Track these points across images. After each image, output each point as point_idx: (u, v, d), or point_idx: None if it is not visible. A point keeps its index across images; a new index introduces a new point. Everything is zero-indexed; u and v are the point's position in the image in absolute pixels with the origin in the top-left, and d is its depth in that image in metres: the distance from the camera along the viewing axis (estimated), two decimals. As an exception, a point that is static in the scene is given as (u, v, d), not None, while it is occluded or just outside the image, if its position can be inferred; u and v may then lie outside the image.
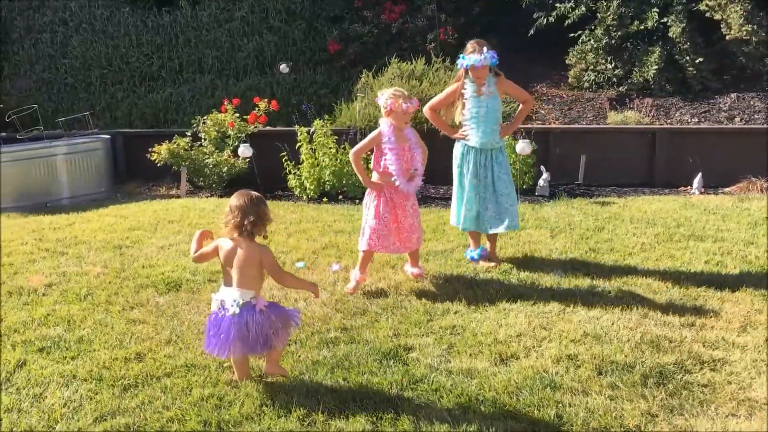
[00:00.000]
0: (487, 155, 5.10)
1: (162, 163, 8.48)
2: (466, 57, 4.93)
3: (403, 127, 4.67)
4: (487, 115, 5.04)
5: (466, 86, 5.06)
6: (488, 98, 5.04)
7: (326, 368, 3.51)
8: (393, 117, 4.61)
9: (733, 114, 8.85)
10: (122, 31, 11.83)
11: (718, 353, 3.60)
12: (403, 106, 4.54)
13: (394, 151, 4.62)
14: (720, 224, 6.12)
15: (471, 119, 5.07)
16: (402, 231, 4.78)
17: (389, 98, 4.57)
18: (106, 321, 4.23)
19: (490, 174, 5.10)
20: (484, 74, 4.97)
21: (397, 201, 4.73)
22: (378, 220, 4.69)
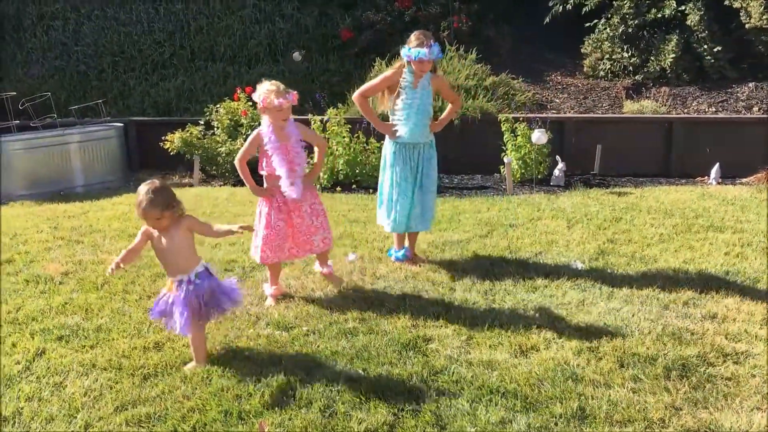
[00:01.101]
0: (418, 150, 4.88)
1: (175, 151, 8.47)
2: (411, 49, 4.60)
3: (282, 124, 4.21)
4: (419, 107, 4.76)
5: (405, 75, 4.73)
6: (423, 91, 4.77)
7: (345, 359, 3.49)
8: (269, 114, 4.16)
9: (751, 103, 8.75)
10: (134, 18, 11.80)
11: (741, 346, 3.55)
12: (275, 102, 4.07)
13: (277, 151, 4.22)
14: (739, 215, 6.06)
15: (403, 110, 4.76)
16: (299, 235, 4.41)
17: (261, 94, 4.13)
18: (123, 310, 4.23)
19: (419, 170, 4.90)
20: (428, 68, 4.69)
21: (291, 205, 4.34)
22: (270, 230, 4.31)
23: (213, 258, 5.15)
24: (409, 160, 4.86)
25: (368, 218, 6.25)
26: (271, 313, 4.10)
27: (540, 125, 7.70)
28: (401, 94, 4.77)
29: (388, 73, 4.84)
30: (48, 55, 11.70)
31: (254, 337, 3.78)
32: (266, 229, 4.32)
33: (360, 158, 7.88)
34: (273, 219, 4.31)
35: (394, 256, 5.05)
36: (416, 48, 4.56)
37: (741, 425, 2.86)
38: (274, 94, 4.08)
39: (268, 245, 4.32)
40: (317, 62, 10.95)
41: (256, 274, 4.80)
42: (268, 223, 4.32)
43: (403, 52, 4.67)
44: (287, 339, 3.75)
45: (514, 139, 7.74)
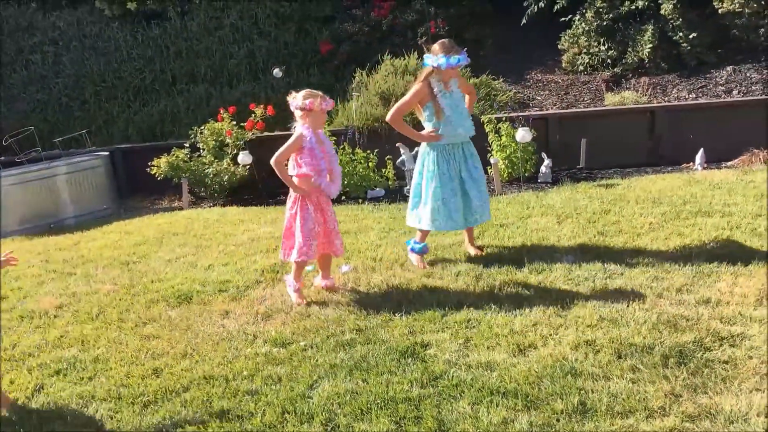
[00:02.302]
0: (460, 149, 5.03)
1: (162, 176, 8.47)
2: (449, 57, 4.75)
3: (319, 128, 4.61)
4: (458, 108, 4.97)
5: (434, 84, 4.92)
6: (455, 92, 4.98)
7: (345, 371, 3.49)
8: (311, 117, 4.49)
9: (730, 87, 8.82)
10: (113, 47, 11.84)
11: (736, 328, 3.58)
12: (322, 105, 4.47)
13: (315, 152, 4.52)
14: (726, 198, 6.10)
15: (452, 116, 4.93)
16: (325, 236, 4.67)
17: (307, 98, 4.46)
18: (120, 339, 4.22)
19: (466, 166, 5.04)
20: (457, 72, 4.99)
21: (325, 205, 4.65)
22: (311, 223, 4.56)
23: (207, 279, 5.15)
24: (453, 161, 5.01)
25: (359, 228, 6.26)
26: (268, 331, 4.10)
27: (523, 124, 7.74)
28: (440, 102, 4.91)
29: (417, 87, 4.98)
30: (29, 89, 11.70)
31: (252, 356, 3.78)
32: (309, 224, 4.55)
33: (347, 169, 7.89)
34: (311, 216, 4.55)
35: (413, 247, 5.13)
36: (454, 55, 4.77)
37: (741, 407, 2.88)
38: (320, 99, 4.46)
39: (312, 240, 4.55)
40: (298, 77, 10.98)
41: (250, 293, 4.81)
42: (308, 217, 4.55)
43: (433, 61, 4.83)
44: (286, 355, 3.75)
45: (499, 139, 7.78)
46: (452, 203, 4.99)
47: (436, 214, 5.01)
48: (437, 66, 4.83)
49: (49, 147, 9.63)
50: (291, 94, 4.59)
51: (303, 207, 4.57)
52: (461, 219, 5.06)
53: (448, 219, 5.02)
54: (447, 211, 4.99)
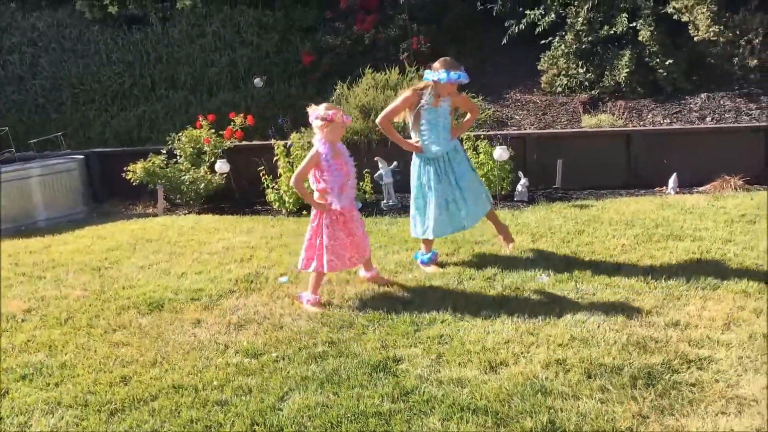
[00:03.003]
0: (444, 159, 5.24)
1: (138, 181, 8.41)
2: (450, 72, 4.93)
3: (336, 141, 4.68)
4: (442, 124, 5.16)
5: (425, 96, 5.09)
6: (442, 109, 5.16)
7: (316, 383, 3.48)
8: (330, 130, 4.56)
9: (704, 114, 8.98)
10: (92, 50, 11.76)
11: (704, 352, 3.63)
12: (344, 119, 4.58)
13: (332, 167, 4.62)
14: (697, 223, 6.19)
15: (429, 129, 5.15)
16: (357, 241, 4.80)
17: (329, 109, 4.55)
18: (88, 345, 4.16)
19: (452, 175, 5.24)
20: (454, 88, 5.15)
21: (348, 215, 4.73)
22: (334, 240, 4.65)
23: (179, 287, 5.11)
24: (437, 171, 5.22)
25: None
26: (240, 341, 4.08)
27: (501, 142, 7.81)
28: (422, 113, 5.13)
29: (407, 94, 5.17)
30: (6, 90, 11.56)
31: (223, 366, 3.75)
32: (331, 240, 4.65)
33: (325, 181, 7.88)
34: (334, 229, 4.65)
35: (419, 259, 5.35)
36: (455, 71, 4.94)
37: (707, 430, 2.92)
38: (341, 112, 4.57)
39: (334, 254, 4.65)
40: (279, 87, 10.99)
41: (223, 302, 4.77)
42: (331, 234, 4.65)
43: (434, 76, 4.99)
44: (257, 366, 3.73)
45: (477, 157, 7.83)
46: (451, 207, 5.25)
47: (435, 222, 5.23)
48: (437, 80, 4.99)
49: (24, 148, 9.51)
50: (311, 106, 4.68)
51: (326, 222, 4.66)
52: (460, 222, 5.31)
53: (450, 223, 5.28)
54: (448, 217, 5.25)
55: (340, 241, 4.68)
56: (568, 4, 10.02)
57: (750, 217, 6.26)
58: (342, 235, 4.70)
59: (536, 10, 10.25)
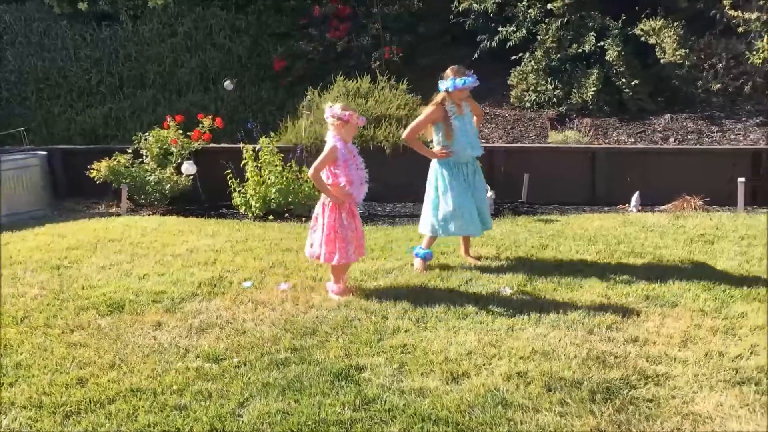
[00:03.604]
0: (469, 166, 5.61)
1: (102, 180, 8.28)
2: (458, 79, 5.37)
3: (349, 140, 4.92)
4: (469, 130, 5.56)
5: (448, 108, 5.47)
6: (467, 115, 5.58)
7: (277, 390, 3.46)
8: (346, 130, 4.81)
9: (667, 135, 9.18)
10: (60, 45, 11.56)
11: (661, 368, 3.69)
12: (360, 120, 4.86)
13: (348, 162, 4.83)
14: (658, 241, 6.31)
15: (461, 135, 5.47)
16: (360, 238, 5.03)
17: (346, 110, 4.79)
18: (45, 345, 4.08)
19: (472, 182, 5.61)
20: (467, 94, 5.54)
21: (354, 211, 4.98)
22: (353, 231, 4.91)
23: (140, 289, 5.04)
24: (462, 175, 5.55)
25: (300, 247, 6.21)
26: (201, 345, 4.03)
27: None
28: (453, 124, 5.46)
29: (431, 109, 5.54)
30: (-32, 83, 11.31)
31: (183, 370, 3.70)
32: (351, 231, 4.89)
33: (293, 187, 7.87)
34: (347, 221, 4.88)
35: (418, 252, 5.55)
36: (460, 78, 5.36)
37: (662, 445, 2.97)
38: (356, 114, 4.84)
39: (351, 245, 4.88)
40: (249, 91, 10.94)
41: (185, 306, 4.72)
42: (350, 225, 4.90)
43: (446, 85, 5.40)
44: (218, 371, 3.69)
45: (445, 168, 7.88)
46: (467, 210, 5.51)
47: (457, 220, 5.50)
48: (446, 89, 5.41)
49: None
50: (328, 104, 4.93)
51: (339, 215, 4.86)
52: (478, 225, 5.58)
53: (469, 224, 5.52)
54: (464, 217, 5.50)
55: (359, 232, 4.99)
56: (539, 22, 10.17)
57: (709, 237, 6.40)
58: (354, 228, 4.94)
59: (508, 26, 10.38)
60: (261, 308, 4.66)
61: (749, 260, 5.64)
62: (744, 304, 4.59)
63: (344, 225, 4.87)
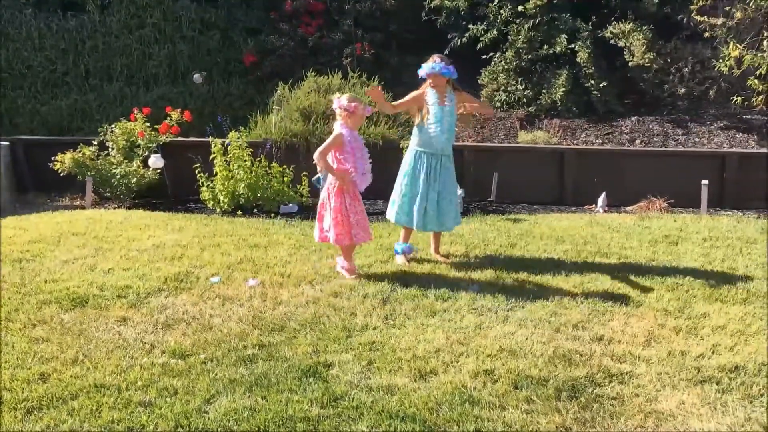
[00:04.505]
0: (438, 160, 5.57)
1: (65, 172, 8.13)
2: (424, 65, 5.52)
3: (355, 129, 5.20)
4: (449, 124, 5.55)
5: (428, 95, 5.53)
6: (448, 108, 5.54)
7: (244, 387, 3.43)
8: (352, 119, 5.10)
9: (633, 136, 9.32)
10: (24, 34, 11.31)
11: (625, 366, 3.74)
12: (367, 110, 5.16)
13: (354, 150, 5.10)
14: (624, 242, 6.40)
15: (435, 123, 5.49)
16: (363, 221, 5.27)
17: (352, 101, 5.07)
18: (5, 339, 3.98)
19: (437, 178, 5.56)
20: (442, 81, 5.52)
21: (358, 196, 5.24)
22: (357, 215, 5.17)
23: (105, 283, 4.96)
24: (428, 167, 5.55)
25: (269, 243, 6.19)
26: (167, 341, 3.98)
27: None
28: (430, 110, 5.52)
29: (415, 93, 5.65)
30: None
31: (148, 366, 3.65)
32: (355, 215, 5.16)
33: (262, 182, 7.81)
34: (356, 206, 5.17)
35: (396, 249, 5.68)
36: (431, 63, 5.45)
37: (625, 442, 3.01)
38: (362, 104, 5.11)
39: (360, 227, 5.18)
40: (219, 85, 10.84)
41: (151, 301, 4.66)
42: (354, 209, 5.16)
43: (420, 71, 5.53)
44: (183, 367, 3.65)
45: (415, 166, 7.89)
46: (407, 200, 5.56)
47: (399, 209, 5.61)
48: (421, 75, 5.54)
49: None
50: (336, 95, 5.21)
51: (343, 199, 5.12)
52: (420, 220, 5.56)
53: (407, 215, 5.58)
54: (408, 208, 5.57)
55: (363, 215, 5.23)
56: (510, 22, 10.25)
57: (673, 239, 6.51)
58: (353, 213, 5.15)
59: (479, 25, 10.44)
60: (228, 304, 4.62)
61: (711, 261, 5.75)
62: (706, 305, 4.68)
63: (349, 208, 5.12)
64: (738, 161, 8.38)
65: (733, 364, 3.75)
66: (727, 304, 4.70)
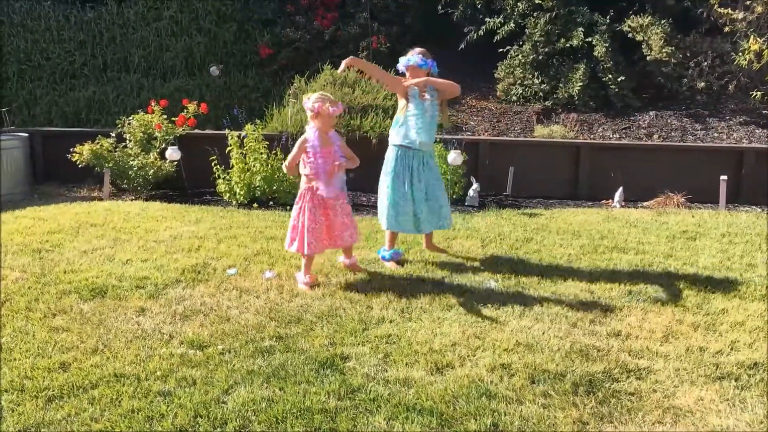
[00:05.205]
0: (421, 159, 5.34)
1: (83, 164, 8.18)
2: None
3: (328, 130, 4.88)
4: (431, 118, 5.30)
5: (410, 89, 5.27)
6: (430, 103, 5.27)
7: (262, 378, 3.45)
8: (319, 120, 4.80)
9: (651, 131, 9.24)
10: (43, 26, 11.38)
11: (643, 362, 3.73)
12: (330, 110, 4.76)
13: (319, 155, 4.82)
14: (641, 237, 6.37)
15: (415, 116, 5.26)
16: (332, 230, 4.99)
17: (316, 101, 4.77)
18: (26, 329, 4.04)
19: (423, 179, 5.35)
20: (420, 75, 5.27)
21: (328, 203, 4.92)
22: (315, 223, 4.86)
23: (123, 274, 5.00)
24: (411, 168, 5.31)
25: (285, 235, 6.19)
26: (185, 332, 4.01)
27: (455, 146, 7.89)
28: (410, 102, 5.28)
29: (399, 77, 5.41)
30: (-52, 61, 11.11)
31: (167, 356, 3.68)
32: (311, 223, 4.85)
33: (277, 175, 7.83)
34: (316, 213, 4.86)
35: (381, 255, 5.44)
36: (410, 56, 5.26)
37: (643, 438, 3.01)
38: (329, 103, 4.76)
39: (314, 237, 4.84)
40: (235, 78, 10.86)
41: (169, 292, 4.69)
42: (312, 217, 4.85)
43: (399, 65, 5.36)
44: (202, 358, 3.67)
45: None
46: (401, 206, 5.31)
47: (388, 214, 5.35)
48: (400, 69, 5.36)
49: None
50: (306, 95, 4.90)
51: (304, 207, 4.88)
52: (410, 224, 5.38)
53: (396, 221, 5.34)
54: (395, 213, 5.32)
55: (320, 225, 4.89)
56: (527, 15, 10.19)
57: (691, 234, 6.47)
58: (322, 219, 4.90)
59: (496, 18, 10.39)
60: (245, 296, 4.64)
61: (730, 257, 5.71)
62: (725, 301, 4.65)
63: (308, 216, 4.84)
64: (756, 157, 8.30)
65: (752, 360, 3.73)
66: (746, 301, 4.67)
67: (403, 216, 5.33)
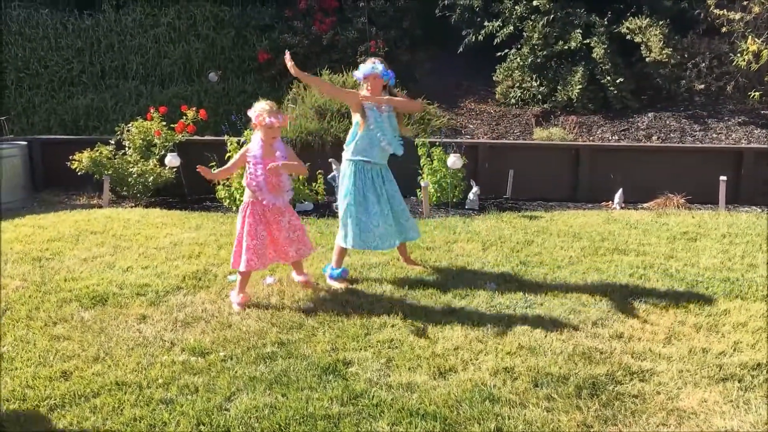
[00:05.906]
0: (379, 172, 5.13)
1: (83, 171, 8.18)
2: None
3: (271, 141, 4.64)
4: (394, 129, 5.11)
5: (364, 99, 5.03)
6: (387, 115, 5.08)
7: (264, 384, 3.44)
8: (261, 131, 4.60)
9: (650, 132, 9.25)
10: (40, 34, 11.39)
11: (646, 364, 3.72)
12: (266, 121, 4.51)
13: (260, 165, 4.61)
14: (641, 238, 6.36)
15: (376, 130, 5.00)
16: (276, 244, 4.77)
17: (254, 112, 4.57)
18: (27, 337, 4.02)
19: (385, 192, 5.15)
20: (377, 85, 5.02)
21: (271, 218, 4.70)
22: (255, 239, 4.61)
23: (124, 281, 4.99)
24: (372, 183, 5.08)
25: (286, 241, 6.20)
26: (187, 339, 4.00)
27: (455, 150, 7.89)
28: (368, 114, 5.01)
29: (353, 90, 5.23)
30: (-54, 70, 11.11)
31: (169, 364, 3.67)
32: (251, 239, 4.61)
33: (277, 180, 7.82)
34: (257, 228, 4.62)
35: (331, 273, 5.07)
36: (367, 65, 4.99)
37: (647, 440, 3.00)
38: (267, 113, 4.52)
39: (255, 253, 4.60)
40: (234, 83, 10.87)
41: (170, 299, 4.68)
42: (252, 232, 4.61)
43: (357, 73, 5.08)
44: (204, 365, 3.66)
45: (431, 163, 7.89)
46: (364, 223, 5.04)
47: (353, 233, 5.04)
48: (357, 78, 5.11)
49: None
50: (256, 104, 4.65)
51: (244, 221, 4.65)
52: (375, 240, 5.07)
53: (360, 239, 5.04)
54: (359, 231, 5.03)
55: (261, 240, 4.64)
56: (525, 18, 10.20)
57: (691, 235, 6.47)
58: (264, 234, 4.67)
59: (494, 21, 10.41)
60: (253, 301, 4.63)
61: (731, 258, 5.70)
62: (727, 302, 4.64)
63: (248, 231, 4.62)
64: (755, 157, 8.30)
65: (755, 361, 3.72)
66: (748, 301, 4.66)
67: (366, 233, 5.05)
